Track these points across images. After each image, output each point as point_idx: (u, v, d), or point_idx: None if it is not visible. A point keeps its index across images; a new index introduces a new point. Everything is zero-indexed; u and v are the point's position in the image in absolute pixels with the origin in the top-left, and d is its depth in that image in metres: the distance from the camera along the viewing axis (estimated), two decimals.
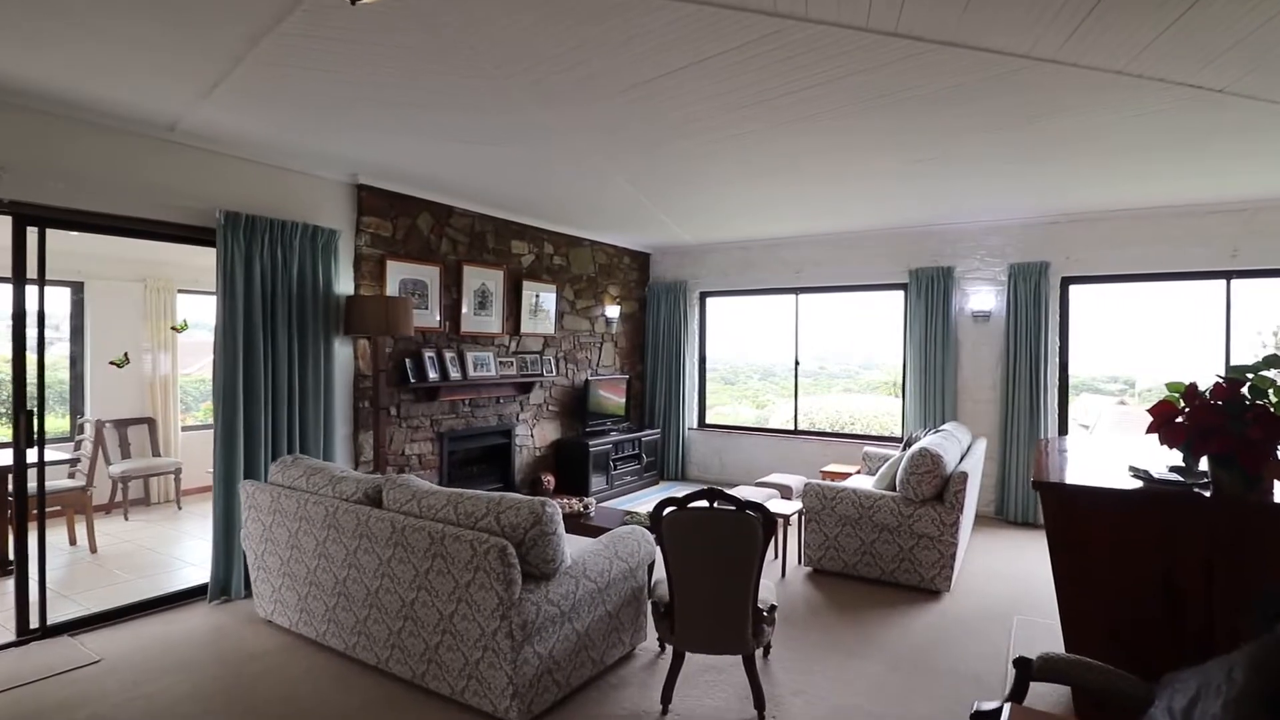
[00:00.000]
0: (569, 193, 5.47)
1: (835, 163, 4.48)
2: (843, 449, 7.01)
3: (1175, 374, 3.06)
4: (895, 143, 4.03)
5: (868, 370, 10.74)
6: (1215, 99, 3.20)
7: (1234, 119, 3.50)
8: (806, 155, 4.33)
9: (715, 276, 7.80)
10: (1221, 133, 3.73)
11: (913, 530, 4.34)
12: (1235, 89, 3.11)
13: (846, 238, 6.93)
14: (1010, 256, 6.17)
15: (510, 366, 6.20)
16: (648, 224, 6.65)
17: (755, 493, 5.46)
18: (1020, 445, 5.98)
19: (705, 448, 7.87)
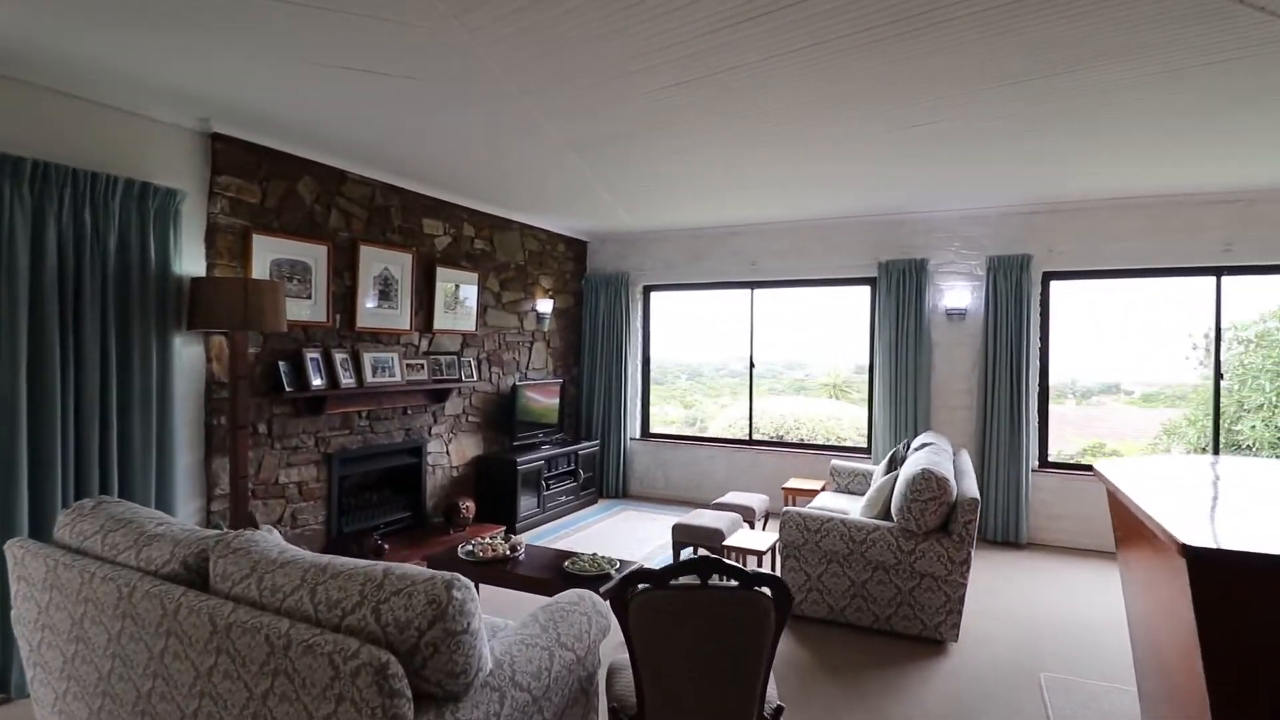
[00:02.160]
0: (496, 160, 4.47)
1: (801, 126, 3.70)
2: (806, 461, 6.29)
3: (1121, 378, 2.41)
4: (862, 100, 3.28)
5: (810, 371, 10.24)
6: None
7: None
8: (769, 115, 3.54)
9: (661, 268, 6.94)
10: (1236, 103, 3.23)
11: (914, 569, 3.59)
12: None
13: (809, 226, 6.21)
14: (988, 249, 5.59)
15: (420, 370, 5.12)
16: (587, 205, 5.71)
17: (714, 517, 4.62)
18: (1000, 457, 5.40)
19: (649, 461, 7.00)
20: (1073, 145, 3.97)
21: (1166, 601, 1.98)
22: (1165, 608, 2.01)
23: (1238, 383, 7.61)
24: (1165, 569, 1.95)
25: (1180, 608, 1.80)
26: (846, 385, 10.29)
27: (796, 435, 8.55)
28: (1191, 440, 7.59)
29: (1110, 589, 4.45)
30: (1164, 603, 2.01)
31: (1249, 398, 7.39)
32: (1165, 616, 2.01)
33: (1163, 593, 2.02)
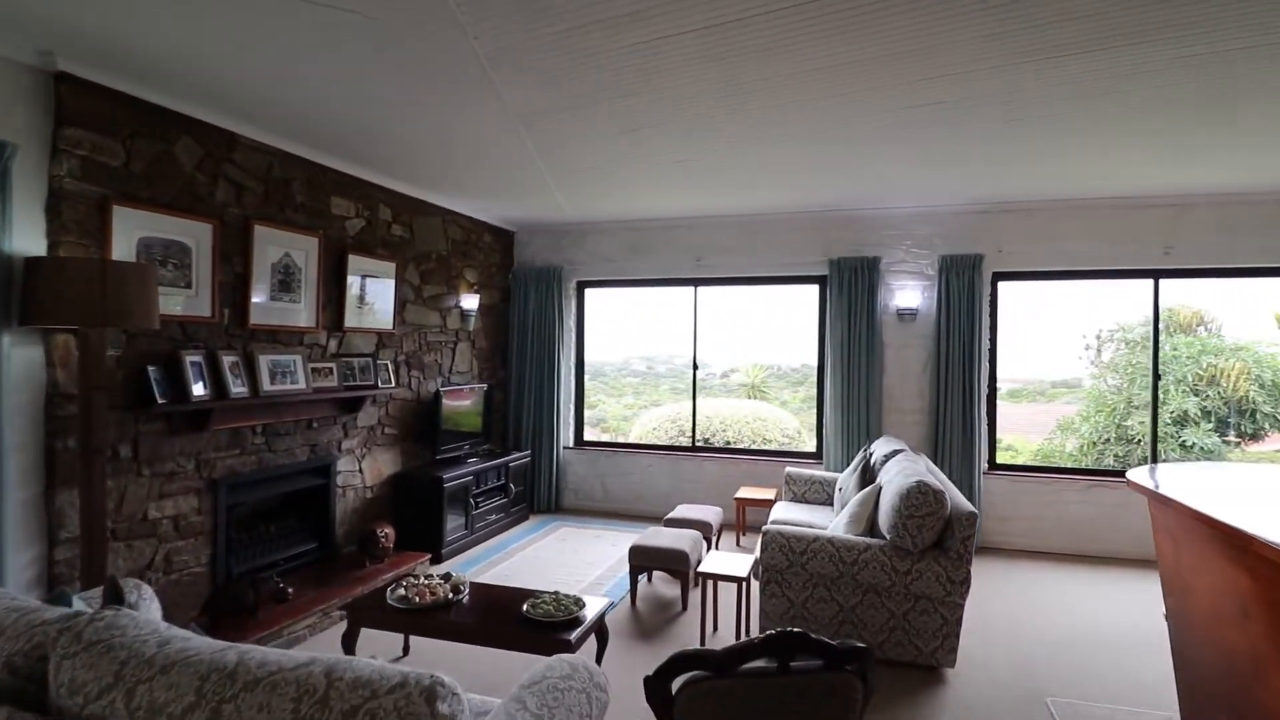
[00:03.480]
0: (428, 130, 3.83)
1: (764, 105, 3.36)
2: (755, 469, 5.97)
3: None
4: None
5: (728, 371, 10.07)
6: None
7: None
8: (744, 90, 3.21)
9: (598, 262, 6.42)
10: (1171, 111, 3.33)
11: (909, 590, 3.29)
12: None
13: (758, 220, 5.90)
14: (939, 248, 5.48)
15: (329, 375, 4.35)
16: (525, 189, 5.11)
17: (674, 536, 4.17)
18: (954, 460, 5.29)
19: (585, 471, 6.46)
20: (1020, 146, 3.95)
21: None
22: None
23: (1127, 381, 8.03)
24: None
25: None
26: (764, 386, 10.19)
27: (723, 438, 8.29)
28: (1085, 435, 7.92)
29: (1082, 594, 4.38)
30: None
31: (1138, 395, 7.79)
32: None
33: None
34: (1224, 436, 7.89)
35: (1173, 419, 7.60)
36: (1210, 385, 7.88)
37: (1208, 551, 2.06)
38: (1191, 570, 2.19)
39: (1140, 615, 4.02)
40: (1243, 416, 8.03)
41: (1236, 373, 8.06)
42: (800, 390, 10.15)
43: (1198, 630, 2.17)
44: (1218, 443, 7.61)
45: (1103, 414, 7.92)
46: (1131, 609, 4.14)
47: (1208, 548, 2.05)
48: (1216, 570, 2.02)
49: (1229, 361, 7.99)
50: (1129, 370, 8.12)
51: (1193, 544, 2.15)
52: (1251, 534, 1.75)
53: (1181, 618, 2.30)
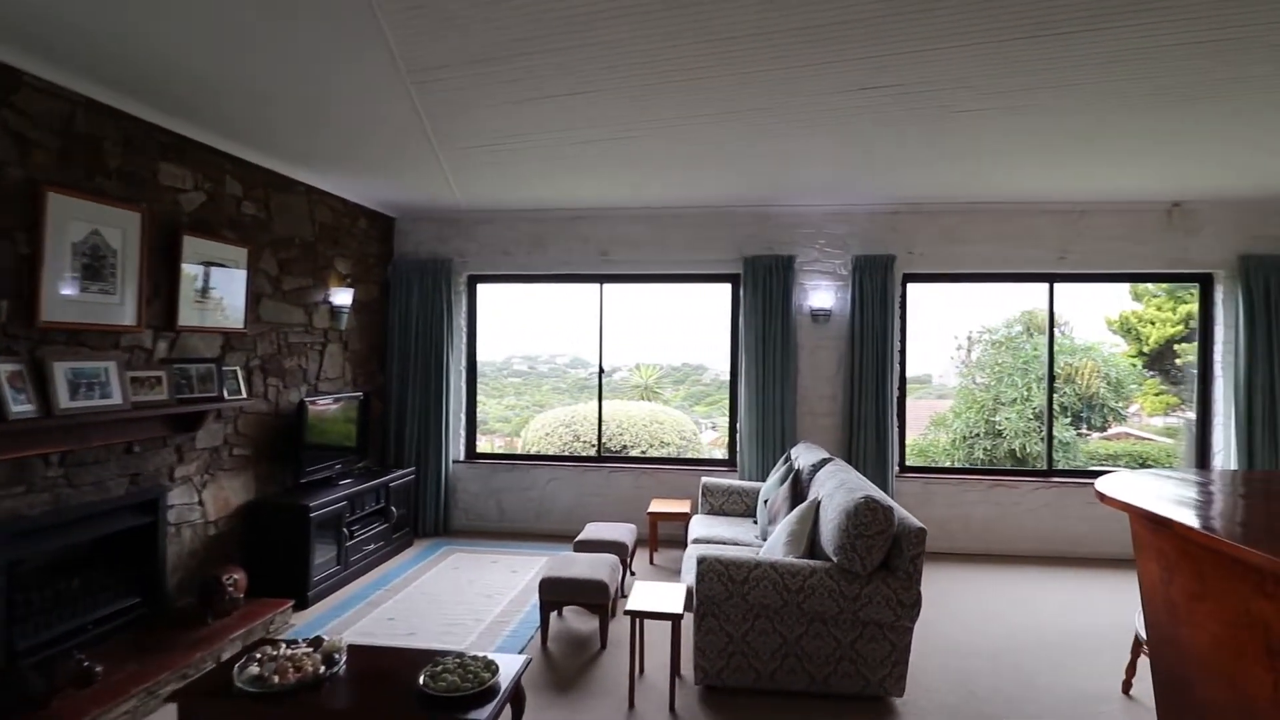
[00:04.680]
0: (294, 83, 3.08)
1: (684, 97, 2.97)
2: (666, 479, 5.58)
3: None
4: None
5: (620, 370, 9.79)
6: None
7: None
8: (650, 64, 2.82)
9: (493, 255, 5.77)
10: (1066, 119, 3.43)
11: (858, 617, 3.00)
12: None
13: (669, 214, 5.52)
14: (853, 248, 5.36)
15: (156, 387, 3.46)
16: (409, 166, 4.41)
17: (590, 564, 3.69)
18: (868, 466, 5.17)
19: (478, 488, 5.79)
20: (944, 145, 3.89)
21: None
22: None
23: (995, 379, 8.49)
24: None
25: None
26: (658, 386, 9.94)
27: (620, 443, 7.91)
28: (957, 431, 8.28)
29: (1005, 598, 4.34)
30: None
31: (1005, 393, 8.24)
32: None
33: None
34: (1078, 430, 8.51)
35: (1034, 414, 8.05)
36: (1067, 383, 8.44)
37: (1220, 581, 1.86)
38: (1192, 599, 2.00)
39: (1062, 616, 4.03)
40: (1093, 411, 8.68)
41: (1089, 371, 8.69)
42: (682, 388, 10.02)
43: (1202, 667, 1.99)
44: (1073, 436, 8.18)
45: (973, 410, 8.28)
46: (1053, 610, 4.15)
47: (1220, 576, 1.86)
48: (1233, 603, 1.82)
49: (1081, 360, 8.60)
50: (996, 369, 8.57)
51: (1197, 571, 1.96)
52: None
53: (1175, 650, 2.12)
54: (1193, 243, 5.07)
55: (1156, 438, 8.73)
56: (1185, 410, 9.19)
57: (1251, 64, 2.79)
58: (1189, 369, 9.33)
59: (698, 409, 9.77)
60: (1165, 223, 5.10)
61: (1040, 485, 5.28)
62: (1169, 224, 5.10)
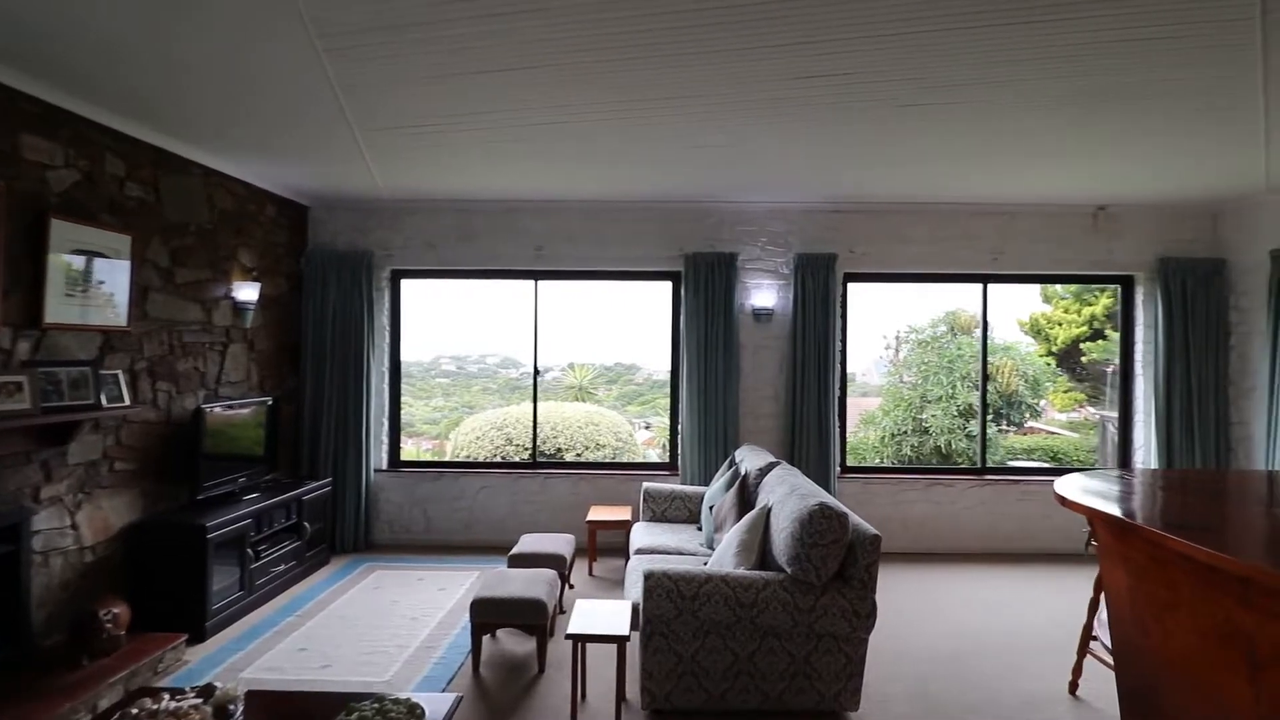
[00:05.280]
0: (176, 47, 2.68)
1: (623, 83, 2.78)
2: (604, 485, 5.34)
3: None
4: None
5: (552, 370, 9.58)
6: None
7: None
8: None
9: (418, 248, 5.38)
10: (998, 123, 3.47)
11: (812, 630, 2.86)
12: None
13: (608, 207, 5.28)
14: (795, 246, 5.27)
15: (15, 394, 2.96)
16: (319, 148, 4.01)
17: (526, 580, 3.42)
18: (810, 467, 5.08)
19: (402, 499, 5.39)
20: (868, 146, 3.88)
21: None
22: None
23: (922, 378, 8.71)
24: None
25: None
26: (591, 387, 9.72)
27: (555, 445, 7.65)
28: (885, 428, 8.45)
29: (947, 598, 4.33)
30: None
31: (931, 391, 8.45)
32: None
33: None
34: (999, 427, 8.81)
35: (959, 412, 8.28)
36: (989, 381, 8.72)
37: (1196, 590, 1.79)
38: (1163, 607, 1.93)
39: (1003, 614, 4.04)
40: (1012, 408, 9.00)
41: (1008, 369, 9.01)
42: (615, 388, 9.86)
43: (1173, 677, 1.91)
44: (995, 432, 8.46)
45: (900, 408, 8.46)
46: (994, 609, 4.16)
47: (1195, 585, 1.78)
48: (1210, 613, 1.75)
49: (1001, 359, 8.90)
50: (922, 368, 8.78)
51: (1169, 579, 1.89)
52: None
53: (1143, 660, 2.05)
54: (1116, 245, 5.23)
55: (1064, 432, 9.16)
56: (1089, 406, 9.73)
57: (1170, 69, 2.79)
58: (1093, 367, 9.86)
59: (631, 408, 9.62)
60: (1091, 226, 5.24)
61: (975, 483, 5.34)
62: (1094, 227, 5.25)
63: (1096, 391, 9.94)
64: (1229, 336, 5.07)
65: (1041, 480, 5.36)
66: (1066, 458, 8.41)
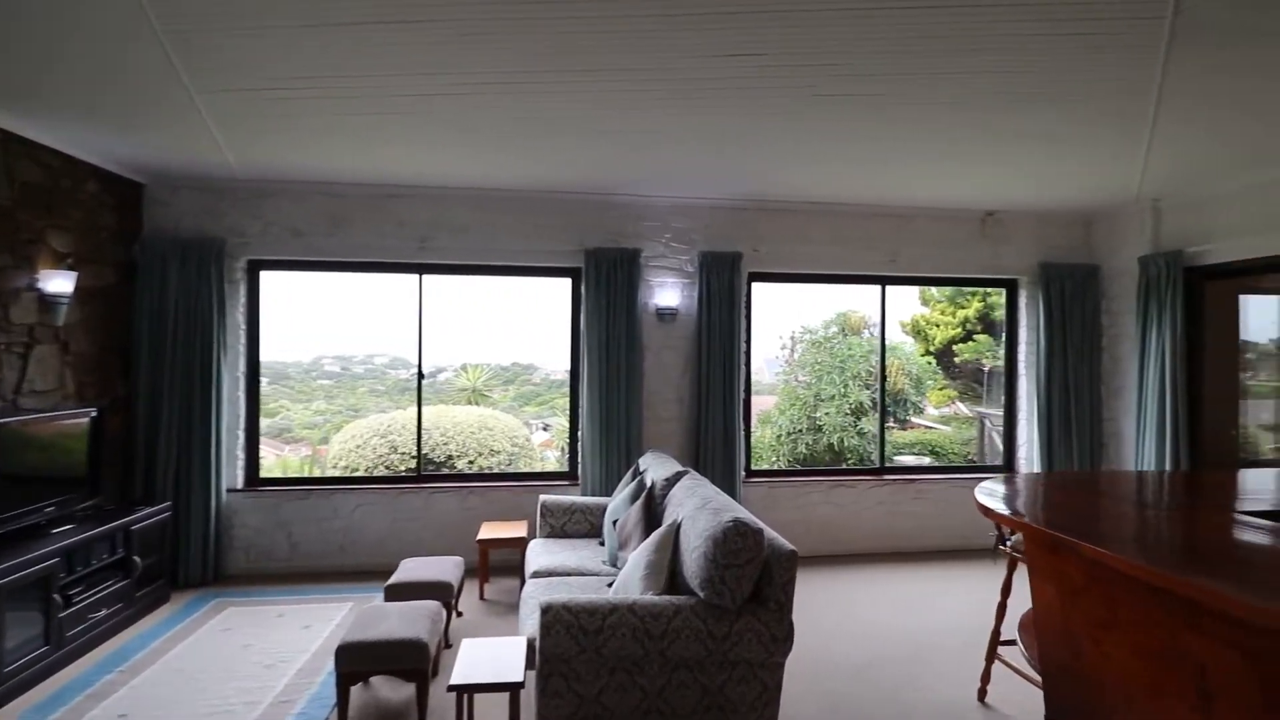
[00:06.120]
0: None
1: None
2: (499, 497, 4.91)
3: None
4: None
5: (445, 371, 9.06)
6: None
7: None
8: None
9: (281, 236, 4.73)
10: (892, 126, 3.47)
11: (727, 658, 2.62)
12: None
13: (501, 197, 4.86)
14: (699, 243, 5.07)
15: None
16: (154, 112, 3.36)
17: (403, 616, 2.98)
18: (716, 472, 4.90)
19: (263, 521, 4.71)
20: (776, 144, 3.76)
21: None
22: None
23: (815, 377, 8.88)
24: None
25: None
26: (487, 389, 9.24)
27: (444, 452, 7.12)
28: (782, 427, 8.54)
29: (852, 602, 4.24)
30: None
31: (825, 390, 8.62)
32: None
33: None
34: (887, 424, 9.11)
35: (851, 410, 8.48)
36: (877, 380, 9.00)
37: (1137, 610, 1.67)
38: (1099, 627, 1.81)
39: (908, 617, 4.00)
40: (898, 405, 9.33)
41: (895, 369, 9.32)
42: (512, 388, 9.44)
43: (1108, 700, 1.80)
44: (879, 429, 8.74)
45: (796, 407, 8.56)
46: (899, 611, 4.13)
47: (1136, 605, 1.66)
48: (1152, 635, 1.63)
49: (890, 359, 9.21)
50: (816, 368, 8.94)
51: (1107, 597, 1.77)
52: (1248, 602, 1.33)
53: (1074, 681, 1.94)
54: (1002, 250, 5.41)
55: (940, 426, 9.63)
56: (960, 403, 10.30)
57: (1076, 68, 2.77)
58: (965, 366, 10.45)
59: (529, 409, 9.23)
60: (980, 230, 5.39)
61: (874, 484, 5.36)
62: (983, 233, 5.40)
63: (968, 389, 10.56)
64: (1101, 338, 5.36)
65: (935, 479, 5.46)
66: (944, 451, 8.81)
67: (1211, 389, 4.69)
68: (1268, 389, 4.93)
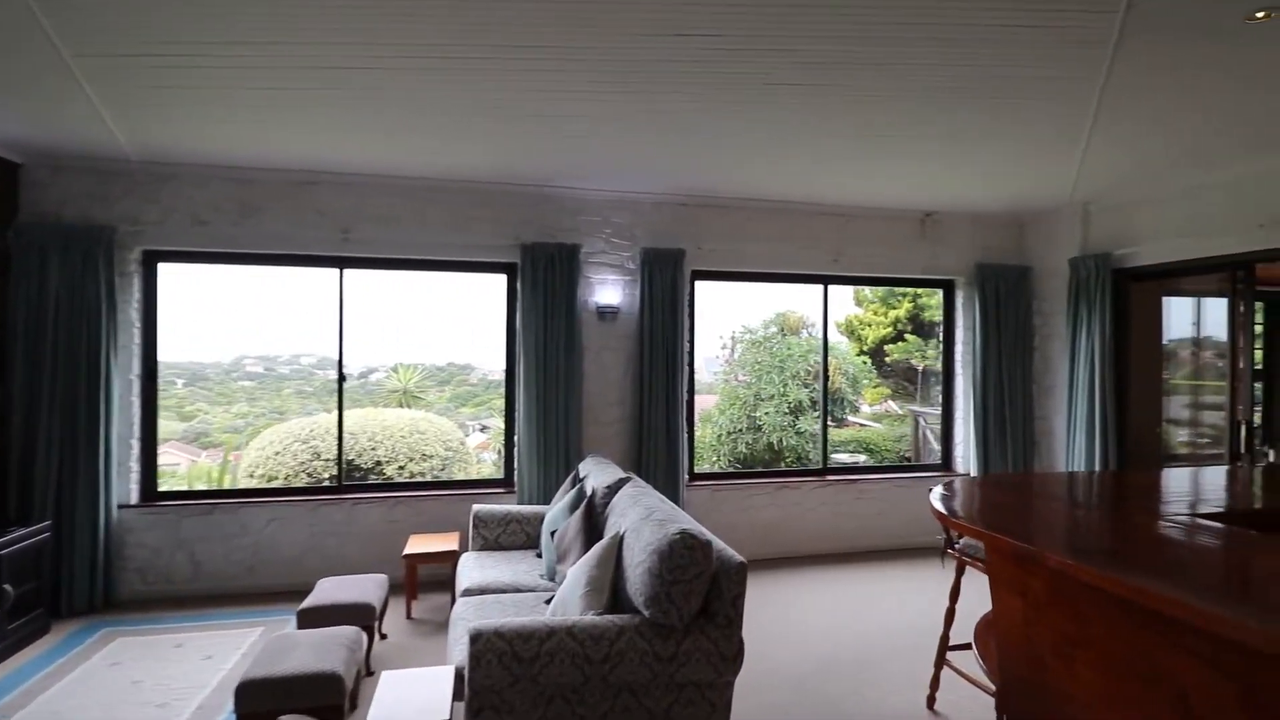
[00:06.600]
0: None
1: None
2: (429, 508, 4.59)
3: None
4: None
5: (377, 372, 8.64)
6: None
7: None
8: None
9: (182, 224, 4.28)
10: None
11: (674, 680, 2.44)
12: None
13: (430, 186, 4.55)
14: (641, 240, 4.89)
15: None
16: (25, 81, 2.94)
17: (316, 645, 2.69)
18: (659, 477, 4.74)
19: (161, 540, 4.26)
20: (723, 137, 3.66)
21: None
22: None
23: (755, 377, 8.89)
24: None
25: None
26: (420, 391, 8.86)
27: (372, 458, 6.73)
28: (722, 426, 8.51)
29: (798, 608, 4.13)
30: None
31: (764, 389, 8.64)
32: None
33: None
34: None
35: (791, 409, 8.51)
36: (815, 379, 9.07)
37: (1109, 627, 1.57)
38: (1067, 643, 1.72)
39: (855, 621, 3.92)
40: (835, 404, 9.44)
41: (833, 368, 9.43)
42: (448, 389, 9.09)
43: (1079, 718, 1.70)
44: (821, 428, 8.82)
45: (736, 407, 8.54)
46: (845, 615, 4.06)
47: (1109, 621, 1.57)
48: (1129, 654, 1.53)
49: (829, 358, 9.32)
50: (756, 368, 8.94)
51: (1076, 612, 1.67)
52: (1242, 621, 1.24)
53: (1037, 699, 1.85)
54: (940, 250, 5.45)
55: (873, 424, 9.81)
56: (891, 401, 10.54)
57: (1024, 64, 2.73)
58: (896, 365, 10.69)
59: (465, 410, 8.90)
60: (919, 231, 5.41)
61: (818, 484, 5.31)
62: (922, 233, 5.42)
63: (899, 387, 10.82)
64: (1033, 338, 5.47)
65: (876, 479, 5.46)
66: (878, 449, 8.96)
67: (1137, 387, 4.83)
68: (1185, 386, 5.13)
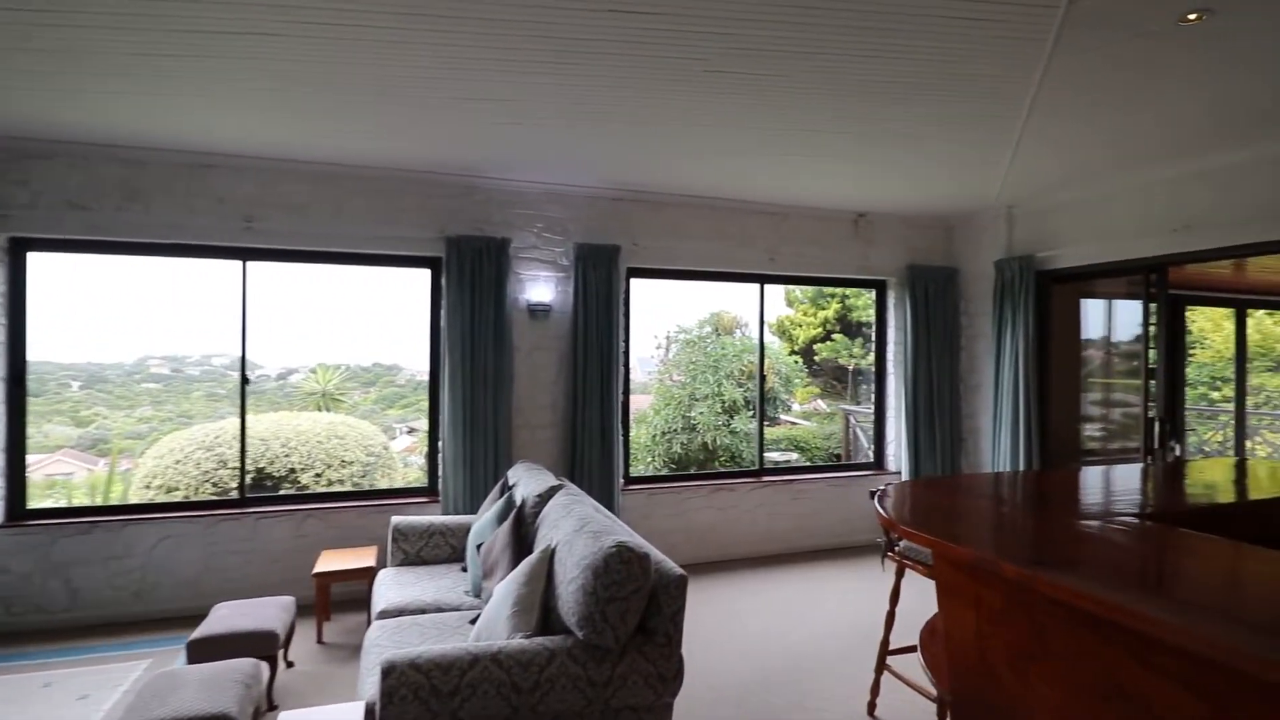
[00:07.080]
0: None
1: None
2: (343, 520, 4.26)
3: None
4: None
5: (297, 372, 8.19)
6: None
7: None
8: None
9: (57, 209, 3.79)
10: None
11: (610, 705, 2.27)
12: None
13: (347, 172, 4.22)
14: (574, 235, 4.70)
15: None
16: None
17: (205, 682, 2.38)
18: (593, 482, 4.56)
19: (31, 565, 3.76)
20: (659, 127, 3.51)
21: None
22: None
23: (690, 377, 8.87)
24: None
25: None
26: (340, 393, 8.40)
27: (285, 465, 6.29)
28: (657, 426, 8.45)
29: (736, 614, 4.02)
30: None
31: (699, 389, 8.63)
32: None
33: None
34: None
35: (725, 409, 8.51)
36: (749, 379, 9.10)
37: (1069, 640, 1.50)
38: (1023, 658, 1.64)
39: (793, 625, 3.85)
40: (768, 403, 9.51)
41: (766, 368, 9.49)
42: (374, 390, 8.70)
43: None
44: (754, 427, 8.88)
45: (671, 407, 8.49)
46: (783, 620, 3.98)
47: (1069, 634, 1.49)
48: (1091, 669, 1.46)
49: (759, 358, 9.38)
50: (690, 367, 8.91)
51: (1033, 626, 1.60)
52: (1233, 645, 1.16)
53: (992, 713, 1.77)
54: (872, 251, 5.49)
55: (803, 422, 9.97)
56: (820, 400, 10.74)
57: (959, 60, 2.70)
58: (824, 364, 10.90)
59: (392, 412, 8.50)
60: (853, 231, 5.43)
61: (755, 486, 5.25)
62: (855, 234, 5.45)
63: (828, 386, 11.04)
64: (960, 338, 5.59)
65: (812, 479, 5.44)
66: (808, 447, 9.08)
67: (1058, 386, 4.98)
68: (1099, 385, 5.35)
